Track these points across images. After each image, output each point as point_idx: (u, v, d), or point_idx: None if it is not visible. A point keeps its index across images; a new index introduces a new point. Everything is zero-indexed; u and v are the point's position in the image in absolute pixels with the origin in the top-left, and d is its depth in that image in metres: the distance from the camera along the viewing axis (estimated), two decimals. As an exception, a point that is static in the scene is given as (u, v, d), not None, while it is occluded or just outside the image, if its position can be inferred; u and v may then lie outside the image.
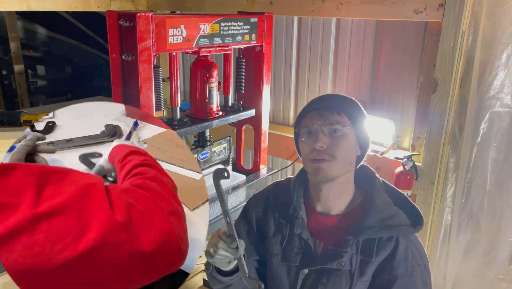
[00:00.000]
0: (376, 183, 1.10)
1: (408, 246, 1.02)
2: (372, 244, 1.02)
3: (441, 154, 1.64)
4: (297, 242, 1.11)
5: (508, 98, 1.63)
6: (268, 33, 1.62)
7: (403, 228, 1.03)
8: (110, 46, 1.22)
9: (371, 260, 1.01)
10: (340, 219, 1.09)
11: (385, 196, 1.08)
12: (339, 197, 1.09)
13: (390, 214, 1.04)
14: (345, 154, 1.05)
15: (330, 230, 1.08)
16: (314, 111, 1.08)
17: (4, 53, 4.99)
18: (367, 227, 1.02)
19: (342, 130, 1.04)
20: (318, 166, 1.03)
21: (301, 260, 1.09)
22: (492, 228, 1.72)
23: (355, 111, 1.09)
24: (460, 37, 1.52)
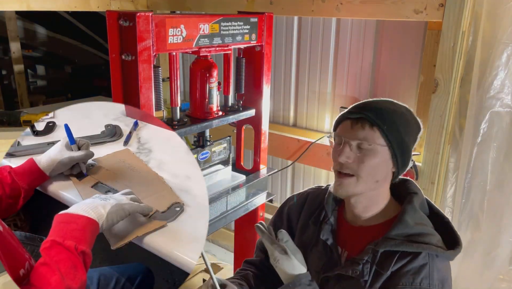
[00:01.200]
0: (414, 200, 1.04)
1: (428, 265, 0.96)
2: (391, 257, 0.98)
3: (441, 154, 1.64)
4: (322, 247, 1.10)
5: (508, 98, 1.63)
6: (268, 33, 1.62)
7: (431, 247, 0.97)
8: (110, 46, 1.22)
9: (386, 273, 0.98)
10: (368, 230, 1.06)
11: (421, 215, 1.03)
12: (368, 209, 1.06)
13: (419, 232, 0.99)
14: (371, 171, 0.99)
15: (357, 240, 1.07)
16: (348, 121, 1.02)
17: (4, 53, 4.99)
18: (388, 238, 0.99)
19: (370, 147, 0.98)
20: (340, 181, 1.01)
21: (323, 266, 1.08)
22: (492, 228, 1.72)
23: (394, 124, 0.99)
24: (460, 37, 1.52)
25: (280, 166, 2.39)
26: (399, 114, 1.02)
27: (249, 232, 1.90)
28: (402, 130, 1.00)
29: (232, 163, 1.75)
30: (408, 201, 1.04)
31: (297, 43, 2.25)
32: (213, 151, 1.61)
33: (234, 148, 1.81)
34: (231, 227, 2.84)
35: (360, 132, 0.99)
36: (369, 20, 1.97)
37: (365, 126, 0.99)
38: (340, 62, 2.12)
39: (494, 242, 1.72)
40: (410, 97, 1.94)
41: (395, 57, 1.94)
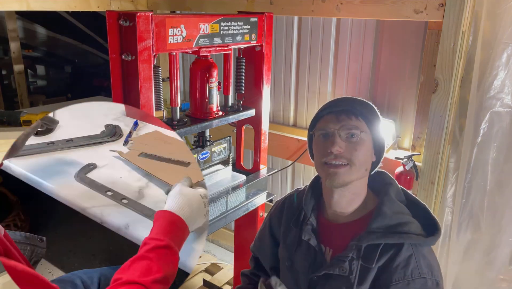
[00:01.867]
0: (390, 190, 1.07)
1: (413, 255, 0.98)
2: (375, 251, 1.00)
3: (441, 154, 1.64)
4: (306, 248, 1.11)
5: (508, 98, 1.63)
6: (268, 33, 1.62)
7: (412, 236, 0.99)
8: (110, 46, 1.22)
9: (372, 266, 0.99)
10: (350, 226, 1.07)
11: (398, 204, 1.05)
12: (350, 202, 1.07)
13: (399, 222, 1.01)
14: (362, 159, 1.03)
15: (340, 237, 1.07)
16: (331, 114, 1.06)
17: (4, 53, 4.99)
18: (370, 232, 1.00)
19: (359, 136, 1.02)
20: (334, 171, 1.02)
21: (309, 267, 1.09)
22: (492, 228, 1.72)
23: (372, 116, 1.07)
24: (460, 37, 1.52)
25: (280, 166, 2.39)
26: (371, 107, 1.10)
27: (249, 232, 1.90)
28: (377, 120, 1.08)
29: (232, 163, 1.75)
30: (384, 193, 1.06)
31: (297, 43, 2.24)
32: (213, 151, 1.61)
33: (234, 148, 1.81)
34: (231, 227, 2.84)
35: (349, 122, 1.03)
36: (369, 20, 1.97)
37: (351, 117, 1.04)
38: (340, 62, 2.12)
39: (494, 242, 1.72)
40: (410, 97, 1.94)
41: (395, 57, 1.94)
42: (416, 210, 1.08)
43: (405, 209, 1.06)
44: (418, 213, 1.07)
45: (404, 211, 1.05)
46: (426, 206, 1.09)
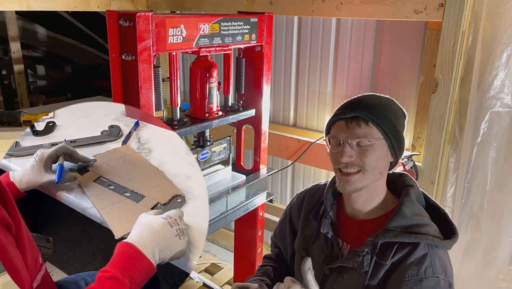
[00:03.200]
0: (411, 192, 1.07)
1: (429, 254, 0.99)
2: (390, 248, 1.01)
3: (441, 154, 1.64)
4: (324, 241, 1.14)
5: (508, 98, 1.63)
6: (268, 33, 1.62)
7: (429, 237, 1.00)
8: (110, 46, 1.22)
9: (386, 263, 1.00)
10: (368, 223, 1.08)
11: (417, 206, 1.06)
12: (368, 203, 1.08)
13: (417, 223, 1.02)
14: (374, 164, 1.02)
15: (358, 234, 1.09)
16: (342, 121, 1.05)
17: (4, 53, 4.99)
18: (387, 230, 1.01)
19: (369, 143, 1.01)
20: (346, 179, 1.03)
21: (325, 259, 1.12)
22: (492, 228, 1.72)
23: (386, 117, 1.03)
24: (460, 37, 1.52)
25: (280, 166, 2.39)
26: (387, 106, 1.07)
27: (249, 232, 1.90)
28: (394, 120, 1.05)
29: (232, 163, 1.75)
30: (405, 194, 1.07)
31: (297, 43, 2.25)
32: (213, 151, 1.61)
33: (234, 148, 1.81)
34: (231, 227, 2.84)
35: (358, 130, 1.02)
36: (369, 20, 1.97)
37: (361, 124, 1.02)
38: (340, 62, 2.12)
39: (494, 242, 1.72)
40: (410, 97, 1.94)
41: (395, 57, 1.94)
42: (436, 214, 1.08)
43: (424, 212, 1.07)
44: (437, 217, 1.08)
45: (423, 214, 1.06)
46: (445, 211, 1.10)
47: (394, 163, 1.10)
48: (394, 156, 1.07)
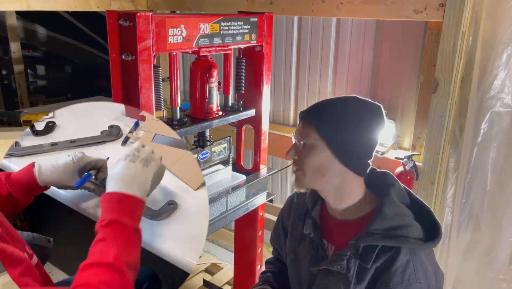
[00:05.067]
0: (392, 191, 1.06)
1: (411, 260, 0.99)
2: (372, 251, 1.00)
3: (441, 154, 1.64)
4: (309, 242, 1.14)
5: (508, 98, 1.63)
6: (268, 33, 1.62)
7: (410, 240, 0.99)
8: (110, 46, 1.22)
9: (368, 266, 1.00)
10: (351, 224, 1.08)
11: (399, 206, 1.04)
12: (339, 202, 1.08)
13: (399, 224, 1.01)
14: (315, 166, 1.03)
15: (341, 234, 1.09)
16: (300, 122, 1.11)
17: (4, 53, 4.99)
18: (369, 233, 1.01)
19: (307, 144, 1.04)
20: (293, 175, 1.08)
21: (311, 260, 1.12)
22: (492, 228, 1.72)
23: (326, 121, 1.03)
24: (460, 37, 1.52)
25: (280, 166, 2.39)
26: (336, 110, 1.06)
27: (249, 232, 1.90)
28: (338, 125, 1.03)
29: (232, 163, 1.75)
30: (385, 194, 1.06)
31: (297, 43, 2.24)
32: (213, 151, 1.61)
33: (234, 148, 1.81)
34: (231, 227, 2.84)
35: (302, 131, 1.06)
36: (369, 20, 1.97)
37: (305, 125, 1.06)
38: (340, 62, 2.12)
39: (494, 242, 1.72)
40: (410, 97, 1.94)
41: (395, 57, 1.94)
42: (420, 212, 1.07)
43: (406, 211, 1.05)
44: (421, 215, 1.07)
45: (405, 213, 1.04)
46: (430, 208, 1.09)
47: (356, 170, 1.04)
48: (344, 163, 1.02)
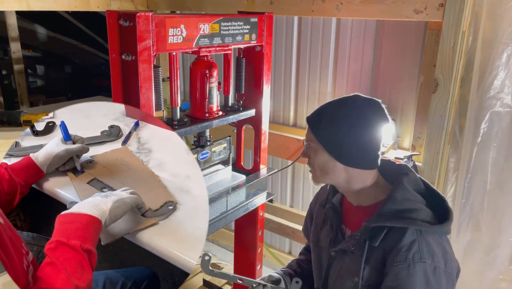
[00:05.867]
0: (404, 179, 1.11)
1: (417, 240, 1.03)
2: (380, 231, 1.06)
3: (441, 154, 1.64)
4: (330, 226, 1.23)
5: (508, 98, 1.63)
6: (268, 33, 1.62)
7: (417, 222, 1.04)
8: (110, 46, 1.22)
9: (375, 244, 1.06)
10: (366, 210, 1.15)
11: (411, 192, 1.09)
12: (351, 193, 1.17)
13: (408, 208, 1.06)
14: (320, 166, 1.13)
15: (358, 219, 1.15)
16: None
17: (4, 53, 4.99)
18: (379, 214, 1.07)
19: (310, 146, 1.15)
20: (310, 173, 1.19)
21: (330, 243, 1.22)
22: (492, 228, 1.72)
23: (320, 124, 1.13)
24: (460, 37, 1.52)
25: (280, 166, 2.39)
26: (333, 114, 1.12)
27: (249, 232, 1.90)
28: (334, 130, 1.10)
29: (232, 163, 1.74)
30: (398, 182, 1.12)
31: (297, 43, 2.25)
32: (213, 151, 1.61)
33: (234, 148, 1.81)
34: (231, 227, 2.84)
35: (306, 135, 1.17)
36: (369, 20, 1.97)
37: (308, 130, 1.16)
38: (340, 62, 2.12)
39: (494, 242, 1.72)
40: (410, 97, 1.94)
41: (395, 57, 1.94)
42: (435, 200, 1.13)
43: (418, 197, 1.10)
44: (436, 202, 1.12)
45: (416, 199, 1.10)
46: (444, 197, 1.15)
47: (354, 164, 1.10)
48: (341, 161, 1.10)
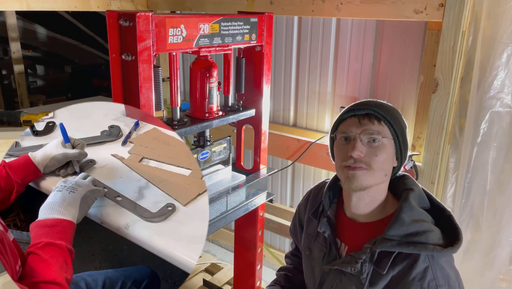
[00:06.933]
0: (411, 196, 1.04)
1: (430, 266, 0.96)
2: (388, 257, 0.99)
3: (441, 154, 1.64)
4: (323, 240, 1.15)
5: (508, 98, 1.63)
6: (268, 33, 1.62)
7: (428, 247, 0.96)
8: (110, 46, 1.22)
9: (383, 272, 0.99)
10: (367, 227, 1.07)
11: (418, 212, 1.02)
12: (369, 206, 1.07)
13: (417, 231, 0.99)
14: (382, 165, 1.02)
15: (357, 236, 1.08)
16: (354, 118, 1.05)
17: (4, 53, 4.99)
18: (386, 239, 0.99)
19: (381, 141, 1.01)
20: (353, 174, 1.01)
21: (324, 258, 1.13)
22: (492, 228, 1.72)
23: (396, 121, 1.05)
24: (460, 37, 1.52)
25: (280, 166, 2.39)
26: (396, 110, 1.09)
27: (249, 232, 1.90)
28: (402, 124, 1.08)
29: (232, 163, 1.75)
30: (404, 199, 1.04)
31: (297, 43, 2.25)
32: (213, 151, 1.61)
33: (234, 148, 1.81)
34: (231, 227, 2.84)
35: (371, 126, 1.02)
36: (369, 20, 1.97)
37: (374, 121, 1.02)
38: (340, 62, 2.12)
39: (494, 242, 1.72)
40: (410, 97, 1.94)
41: (395, 57, 1.94)
42: (440, 216, 1.06)
43: (425, 216, 1.04)
44: (442, 219, 1.05)
45: (424, 218, 1.02)
46: (450, 212, 1.07)
47: (397, 168, 1.09)
48: (399, 160, 1.08)
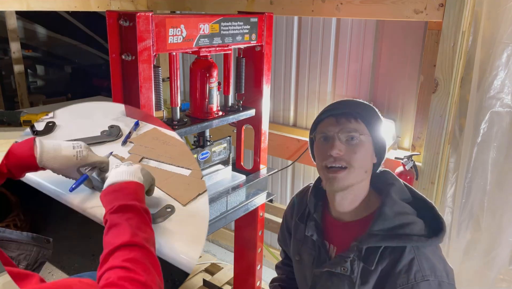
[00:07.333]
0: (392, 191, 1.06)
1: (416, 258, 0.98)
2: (375, 253, 1.00)
3: (441, 154, 1.64)
4: (311, 244, 1.15)
5: (508, 98, 1.63)
6: (268, 33, 1.62)
7: (413, 238, 0.98)
8: (110, 46, 1.22)
9: (372, 268, 1.00)
10: (353, 225, 1.08)
11: (400, 205, 1.04)
12: (353, 203, 1.08)
13: (401, 223, 1.01)
14: (362, 162, 1.04)
15: (344, 236, 1.09)
16: (331, 118, 1.07)
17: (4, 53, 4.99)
18: (371, 234, 1.01)
19: (359, 138, 1.04)
20: (333, 176, 1.03)
21: (314, 262, 1.13)
22: (492, 228, 1.72)
23: (372, 117, 1.08)
24: (460, 37, 1.52)
25: (280, 166, 2.39)
26: (371, 109, 1.11)
27: (249, 232, 1.90)
28: (378, 120, 1.09)
29: (232, 163, 1.75)
30: (386, 194, 1.06)
31: (297, 43, 2.24)
32: (213, 151, 1.61)
33: (234, 148, 1.81)
34: (231, 227, 2.84)
35: (349, 125, 1.05)
36: (369, 20, 1.97)
37: (351, 119, 1.05)
38: (340, 62, 2.12)
39: (494, 242, 1.72)
40: (410, 97, 1.94)
41: (395, 57, 1.94)
42: (423, 208, 1.07)
43: (408, 209, 1.05)
44: (424, 211, 1.07)
45: (407, 211, 1.04)
46: (433, 204, 1.09)
47: (377, 165, 1.11)
48: (378, 156, 1.10)
